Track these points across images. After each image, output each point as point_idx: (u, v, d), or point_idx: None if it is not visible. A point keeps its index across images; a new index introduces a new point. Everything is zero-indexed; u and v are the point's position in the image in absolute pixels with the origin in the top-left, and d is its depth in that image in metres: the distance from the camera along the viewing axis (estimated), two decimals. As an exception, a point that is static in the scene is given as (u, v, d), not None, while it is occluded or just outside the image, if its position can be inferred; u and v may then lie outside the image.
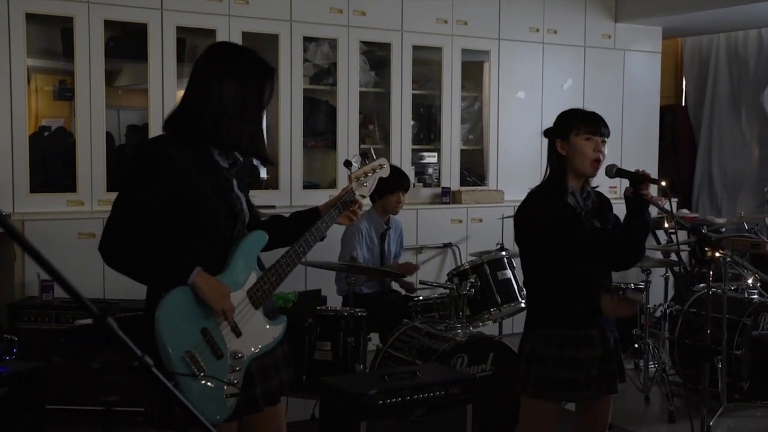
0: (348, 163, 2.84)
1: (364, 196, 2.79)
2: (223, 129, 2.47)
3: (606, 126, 3.09)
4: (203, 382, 2.37)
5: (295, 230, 2.69)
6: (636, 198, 3.03)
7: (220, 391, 2.41)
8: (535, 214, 3.06)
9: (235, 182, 2.59)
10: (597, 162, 3.04)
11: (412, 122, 6.73)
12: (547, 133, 3.15)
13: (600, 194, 3.21)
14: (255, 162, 6.23)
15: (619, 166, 3.10)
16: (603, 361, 3.08)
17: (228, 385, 2.42)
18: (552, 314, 3.05)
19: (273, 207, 5.72)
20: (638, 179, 3.02)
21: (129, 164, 2.49)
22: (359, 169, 2.80)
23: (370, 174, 2.82)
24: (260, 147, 2.58)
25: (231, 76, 2.48)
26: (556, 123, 3.14)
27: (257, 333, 2.54)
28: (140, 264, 2.42)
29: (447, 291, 4.60)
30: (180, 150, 2.44)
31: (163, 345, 2.33)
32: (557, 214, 3.02)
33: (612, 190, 7.28)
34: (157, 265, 2.41)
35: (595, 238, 3.07)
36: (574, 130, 3.04)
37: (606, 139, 3.08)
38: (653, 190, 3.11)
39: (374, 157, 2.86)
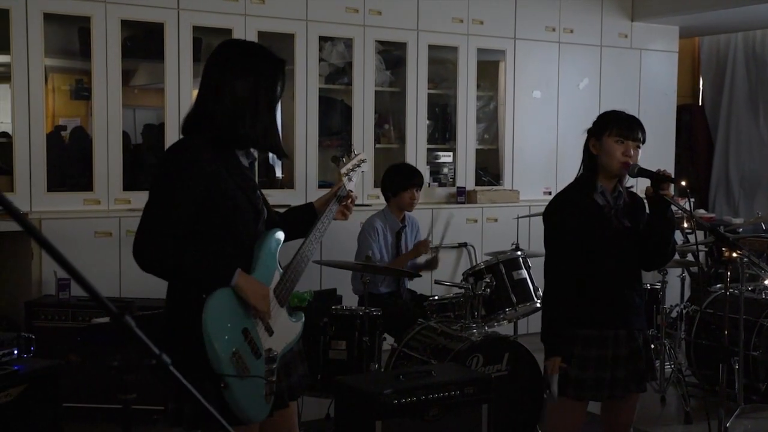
0: (336, 159, 2.95)
1: (351, 191, 2.88)
2: (238, 127, 2.48)
3: (642, 131, 3.11)
4: (248, 381, 2.40)
5: (293, 227, 2.75)
6: (657, 198, 3.04)
7: (261, 390, 2.45)
8: (562, 213, 3.09)
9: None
10: (625, 165, 3.05)
11: (427, 122, 6.73)
12: (588, 131, 3.19)
13: (633, 194, 3.22)
14: (270, 160, 6.25)
15: (641, 166, 3.10)
16: (630, 360, 3.08)
17: (269, 383, 2.46)
18: (577, 314, 3.05)
19: (288, 206, 5.72)
20: (659, 179, 3.03)
21: (161, 168, 2.50)
22: (346, 164, 2.90)
23: (356, 169, 2.93)
24: (275, 141, 2.61)
25: (242, 73, 2.49)
26: (595, 122, 3.17)
27: (285, 330, 2.59)
28: (180, 266, 2.41)
29: (462, 291, 4.59)
30: (208, 152, 2.45)
31: (212, 347, 2.34)
32: (583, 213, 3.03)
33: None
34: (197, 267, 2.41)
35: (620, 237, 3.07)
36: (608, 131, 3.08)
37: (640, 144, 3.09)
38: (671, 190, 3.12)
39: (356, 153, 2.96)
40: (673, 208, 3.10)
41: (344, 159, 2.93)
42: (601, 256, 3.04)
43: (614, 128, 3.07)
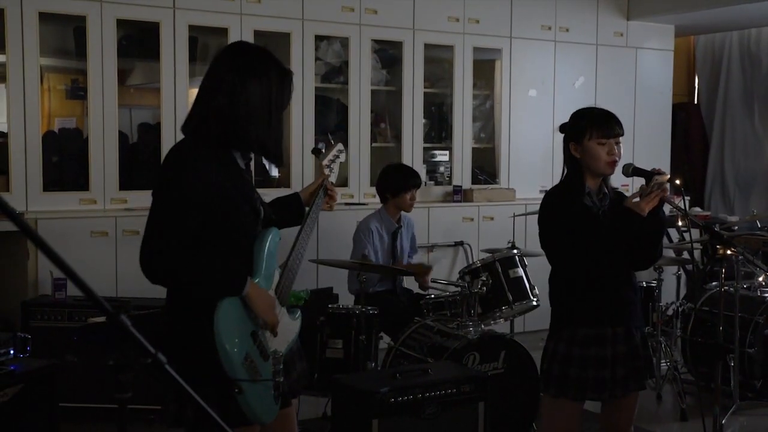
0: (317, 151, 2.97)
1: (333, 183, 2.91)
2: (251, 131, 2.46)
3: (620, 125, 3.06)
4: (259, 384, 2.41)
5: (281, 217, 2.74)
6: None
7: (270, 391, 2.47)
8: (555, 215, 3.06)
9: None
10: (612, 164, 3.04)
11: (423, 120, 6.73)
12: (563, 128, 3.13)
13: (620, 194, 3.18)
14: (264, 161, 6.25)
15: (636, 165, 3.09)
16: (629, 358, 3.07)
17: (277, 383, 2.48)
18: (575, 314, 3.04)
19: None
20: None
21: (166, 174, 2.45)
22: (326, 156, 2.93)
23: (336, 160, 2.95)
24: (280, 150, 2.63)
25: (256, 77, 2.46)
26: (570, 124, 3.12)
27: (286, 329, 2.59)
28: (189, 276, 2.39)
29: (458, 289, 4.60)
30: (207, 154, 2.43)
31: (225, 353, 2.33)
32: (574, 216, 3.01)
33: (624, 188, 7.29)
34: (208, 277, 2.39)
35: (612, 237, 3.05)
36: (587, 134, 3.02)
37: (621, 138, 3.06)
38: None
39: (333, 142, 3.00)
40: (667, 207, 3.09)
41: (324, 150, 2.94)
42: (596, 257, 3.01)
43: (594, 131, 3.01)
